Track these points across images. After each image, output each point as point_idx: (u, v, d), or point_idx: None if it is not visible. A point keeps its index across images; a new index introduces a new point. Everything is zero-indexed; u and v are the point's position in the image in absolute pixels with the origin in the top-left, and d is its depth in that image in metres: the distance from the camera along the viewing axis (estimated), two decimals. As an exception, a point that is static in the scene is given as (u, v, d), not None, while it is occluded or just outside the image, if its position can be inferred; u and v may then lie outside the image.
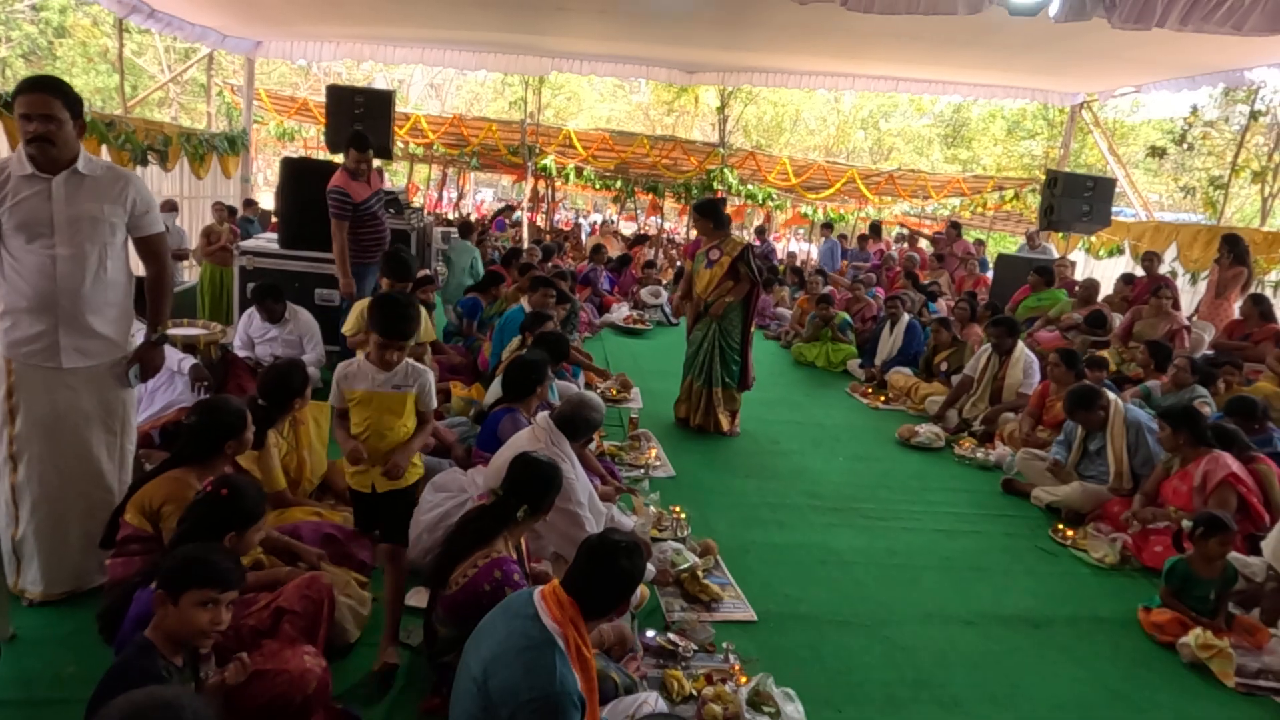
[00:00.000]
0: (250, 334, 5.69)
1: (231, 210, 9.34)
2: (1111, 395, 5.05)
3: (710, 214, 5.81)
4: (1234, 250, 7.43)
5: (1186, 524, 3.65)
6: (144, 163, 8.79)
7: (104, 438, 3.05)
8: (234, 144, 11.69)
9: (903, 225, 16.89)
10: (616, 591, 2.26)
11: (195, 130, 11.13)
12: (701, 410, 5.87)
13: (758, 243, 14.61)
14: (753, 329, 6.01)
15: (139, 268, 3.13)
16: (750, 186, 15.36)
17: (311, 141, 15.80)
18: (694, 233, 10.08)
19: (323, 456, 3.86)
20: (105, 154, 7.95)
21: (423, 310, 4.74)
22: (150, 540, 2.69)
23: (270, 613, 2.61)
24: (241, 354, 5.55)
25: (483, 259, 9.82)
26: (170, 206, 8.79)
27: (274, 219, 8.18)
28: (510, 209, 17.68)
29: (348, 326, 5.02)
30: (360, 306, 4.75)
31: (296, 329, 5.65)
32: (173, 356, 4.44)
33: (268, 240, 6.73)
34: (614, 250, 13.00)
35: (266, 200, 13.10)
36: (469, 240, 9.52)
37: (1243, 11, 5.64)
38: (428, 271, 6.92)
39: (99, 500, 3.01)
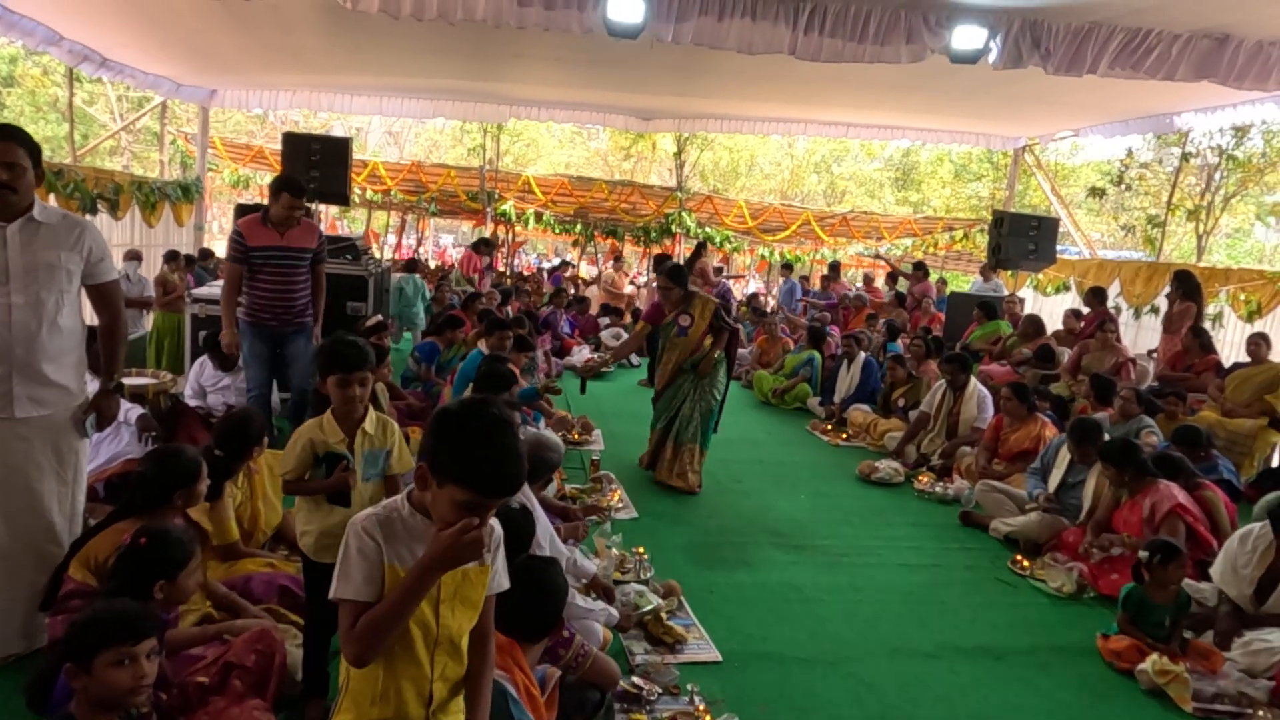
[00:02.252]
0: (202, 383, 5.58)
1: (190, 259, 9.26)
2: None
3: (680, 280, 5.63)
4: (1183, 286, 7.73)
5: (1143, 554, 3.72)
6: (93, 211, 8.65)
7: (56, 489, 2.95)
8: (187, 192, 11.57)
9: (881, 262, 17.09)
10: (550, 609, 2.24)
11: (147, 178, 11.00)
12: (667, 466, 5.62)
13: (717, 282, 14.78)
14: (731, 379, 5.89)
15: (91, 316, 3.07)
16: (708, 229, 15.60)
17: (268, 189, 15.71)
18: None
19: (277, 506, 3.77)
20: (53, 202, 7.82)
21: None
22: (95, 596, 2.60)
23: (219, 669, 2.52)
24: (193, 403, 5.43)
25: (441, 304, 9.83)
26: (134, 256, 8.66)
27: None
28: (566, 264, 17.20)
29: (285, 464, 2.72)
30: (301, 436, 2.70)
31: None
32: (120, 406, 4.32)
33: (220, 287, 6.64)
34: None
35: (220, 248, 12.91)
36: (415, 274, 10.50)
37: (1171, 61, 5.98)
38: (379, 318, 6.87)
39: (49, 555, 2.89)
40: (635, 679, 3.03)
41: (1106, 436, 5.08)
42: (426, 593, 1.70)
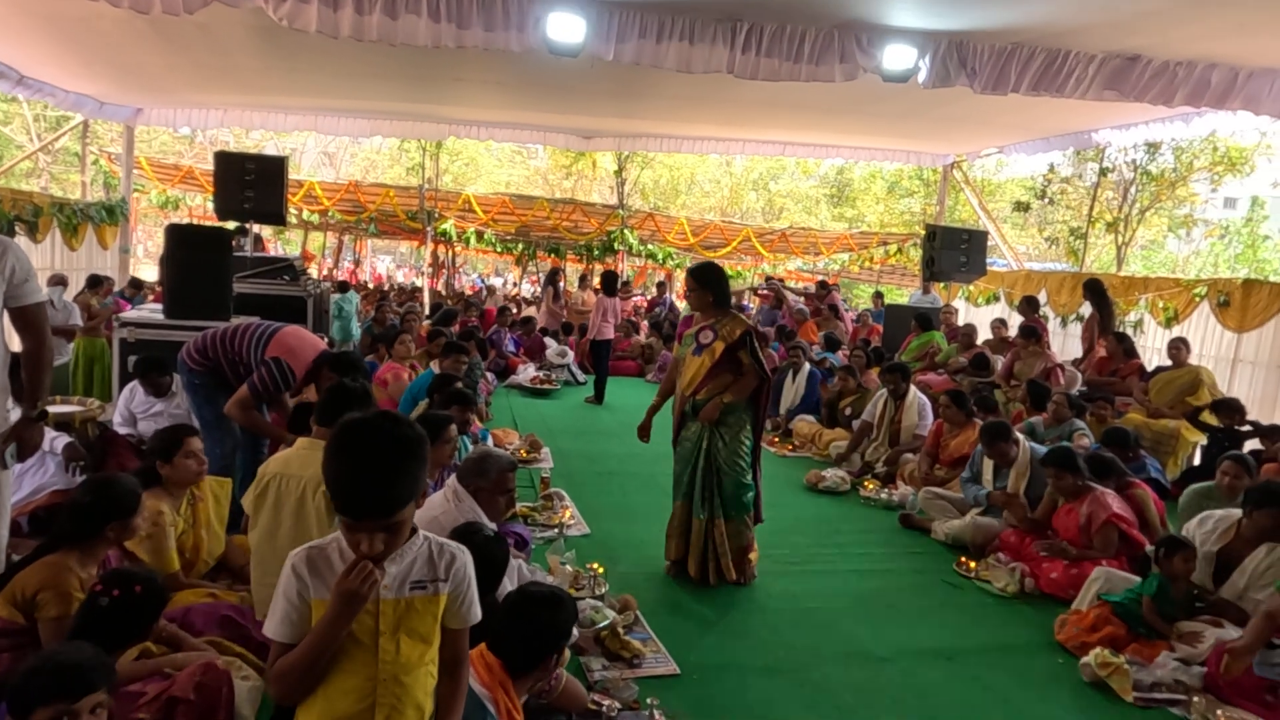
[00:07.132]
0: (132, 409, 5.35)
1: (135, 284, 9.00)
2: (1021, 436, 5.25)
3: (709, 282, 4.30)
4: (1089, 294, 8.29)
5: (1150, 549, 3.82)
6: (10, 234, 8.29)
7: None
8: (112, 214, 11.17)
9: (770, 279, 17.12)
10: (541, 645, 2.21)
11: (69, 200, 10.59)
12: (700, 552, 4.27)
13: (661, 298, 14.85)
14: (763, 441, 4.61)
15: (13, 342, 2.93)
16: (650, 246, 15.71)
17: (198, 210, 15.27)
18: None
19: (221, 535, 3.64)
20: (-33, 225, 7.47)
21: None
22: (21, 634, 2.46)
23: (161, 705, 2.41)
24: (122, 431, 5.21)
25: (382, 324, 9.69)
26: (59, 281, 8.31)
27: (157, 288, 7.86)
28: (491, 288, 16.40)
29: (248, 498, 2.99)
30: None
31: (184, 402, 5.34)
32: (44, 435, 4.12)
33: (151, 311, 6.40)
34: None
35: (148, 272, 12.52)
36: (348, 293, 10.48)
37: (1086, 81, 6.29)
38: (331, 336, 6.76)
39: None
40: (594, 696, 3.00)
41: (1042, 441, 5.25)
42: (335, 640, 1.65)
